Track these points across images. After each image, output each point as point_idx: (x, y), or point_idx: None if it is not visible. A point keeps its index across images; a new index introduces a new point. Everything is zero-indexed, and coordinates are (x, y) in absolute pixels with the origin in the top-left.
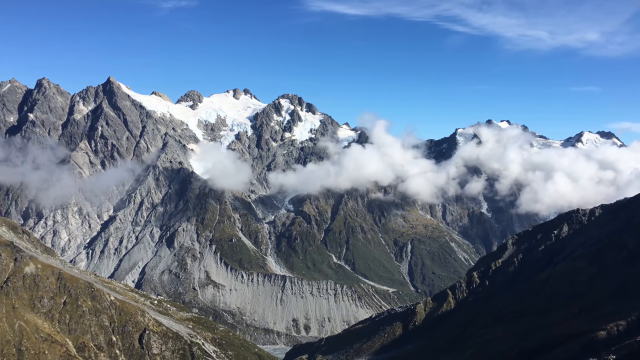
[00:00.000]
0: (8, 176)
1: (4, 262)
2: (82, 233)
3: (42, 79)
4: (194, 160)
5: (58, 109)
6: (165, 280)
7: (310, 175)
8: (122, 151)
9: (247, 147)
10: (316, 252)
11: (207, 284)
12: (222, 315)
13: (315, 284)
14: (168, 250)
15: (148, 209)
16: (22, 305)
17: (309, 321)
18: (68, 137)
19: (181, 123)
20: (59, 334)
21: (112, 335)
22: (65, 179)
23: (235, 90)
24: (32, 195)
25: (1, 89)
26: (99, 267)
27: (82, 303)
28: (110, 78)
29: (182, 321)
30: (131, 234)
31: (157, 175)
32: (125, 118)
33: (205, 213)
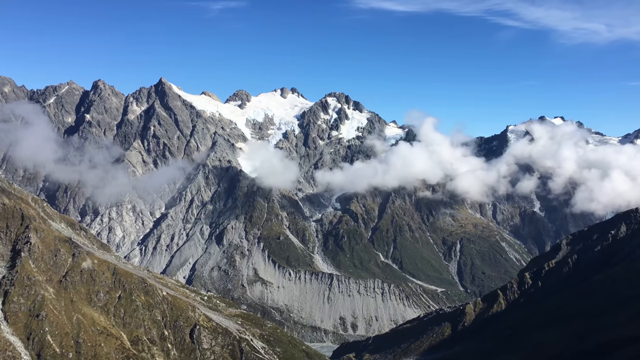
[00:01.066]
0: (66, 175)
1: (63, 258)
2: (135, 230)
3: (98, 81)
4: (243, 159)
5: (113, 110)
6: (215, 277)
7: (358, 174)
8: (173, 150)
9: (295, 146)
10: (363, 251)
11: (255, 281)
12: (270, 312)
13: (362, 282)
14: (217, 248)
15: (198, 207)
16: (79, 299)
17: (356, 320)
18: (122, 137)
19: (230, 122)
20: (114, 327)
21: (165, 329)
22: (120, 178)
23: (282, 89)
24: (88, 193)
25: (60, 90)
26: (152, 263)
27: (136, 298)
28: (162, 79)
29: (231, 317)
30: (182, 231)
31: (206, 174)
32: (176, 118)
33: (253, 211)
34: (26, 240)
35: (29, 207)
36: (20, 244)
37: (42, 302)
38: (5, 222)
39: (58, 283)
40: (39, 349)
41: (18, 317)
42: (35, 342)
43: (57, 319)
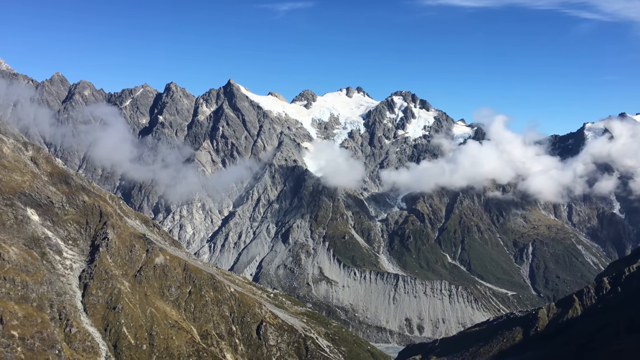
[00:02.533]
0: (141, 174)
1: (138, 253)
2: (205, 227)
3: (170, 84)
4: (308, 158)
5: (184, 111)
6: (281, 275)
7: (424, 173)
8: (240, 150)
9: (360, 145)
10: (430, 252)
11: (320, 279)
12: (335, 311)
13: (428, 283)
14: (283, 246)
15: (264, 206)
16: (152, 293)
17: (423, 321)
18: (193, 137)
19: (296, 122)
20: (184, 322)
21: (232, 325)
22: (190, 177)
23: (348, 88)
24: (161, 191)
25: (135, 93)
26: (220, 260)
27: (205, 293)
28: (231, 80)
29: (297, 315)
30: (249, 229)
31: (273, 173)
32: (244, 118)
33: (318, 210)
34: (104, 236)
35: (106, 204)
36: (99, 239)
37: (119, 295)
38: (85, 219)
39: (133, 277)
40: (115, 340)
41: (96, 309)
42: (112, 333)
43: (132, 311)
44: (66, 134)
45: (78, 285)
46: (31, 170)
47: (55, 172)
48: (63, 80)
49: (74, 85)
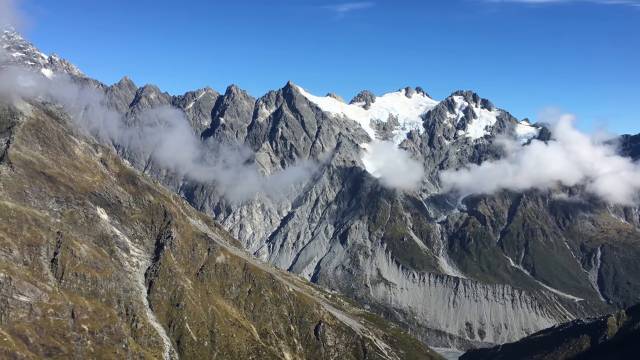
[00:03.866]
0: (203, 174)
1: (200, 252)
2: (264, 227)
3: (231, 86)
4: (366, 159)
5: (244, 113)
6: (339, 276)
7: (486, 174)
8: (299, 151)
9: (419, 146)
10: (491, 255)
11: (378, 281)
12: (393, 313)
13: (490, 287)
14: (341, 247)
15: (323, 207)
16: (214, 291)
17: (484, 326)
18: (252, 139)
19: (354, 123)
20: (244, 320)
21: (291, 324)
22: (250, 177)
23: (407, 88)
24: (222, 191)
25: (198, 96)
26: (279, 260)
27: (265, 293)
28: (290, 82)
29: (355, 316)
30: (307, 230)
31: (331, 174)
32: (302, 119)
33: (377, 211)
34: (168, 235)
35: (170, 204)
36: (163, 238)
37: (182, 292)
38: (150, 218)
39: (195, 275)
40: (178, 336)
41: (161, 305)
42: (175, 329)
43: (195, 309)
44: (133, 135)
45: (144, 282)
46: (101, 171)
47: (123, 173)
48: (130, 85)
49: (140, 89)
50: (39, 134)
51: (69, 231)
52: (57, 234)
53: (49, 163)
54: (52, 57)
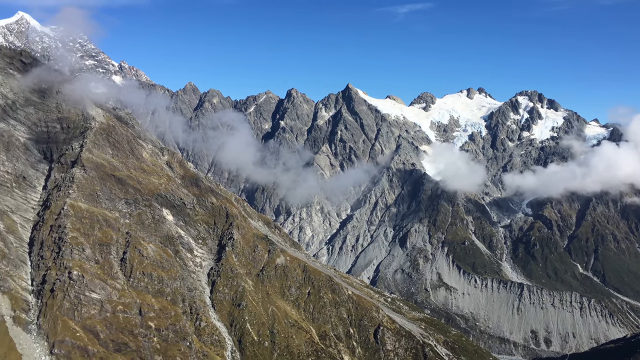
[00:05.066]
0: (264, 177)
1: (260, 253)
2: (323, 230)
3: (291, 90)
4: (427, 162)
5: (304, 116)
6: (398, 279)
7: (552, 177)
8: (358, 154)
9: (481, 148)
10: (558, 261)
11: (439, 285)
12: (454, 318)
13: (557, 294)
14: (401, 250)
15: (382, 209)
16: (274, 292)
17: (550, 334)
18: (312, 142)
19: (414, 125)
20: (304, 321)
21: (350, 327)
22: (310, 180)
23: (469, 89)
24: (282, 194)
25: (259, 100)
26: (338, 262)
27: (324, 295)
28: (349, 85)
29: (414, 321)
30: (366, 233)
31: (390, 177)
32: (361, 122)
33: (437, 215)
34: (230, 236)
35: (232, 206)
36: (225, 239)
37: (243, 293)
38: (213, 219)
39: (256, 276)
40: (240, 336)
41: (223, 305)
42: (237, 329)
43: (255, 309)
44: (197, 139)
45: (207, 282)
46: (166, 174)
47: (187, 175)
48: (194, 90)
49: (204, 94)
50: (109, 138)
51: (137, 231)
52: (126, 234)
53: (119, 166)
54: (122, 64)
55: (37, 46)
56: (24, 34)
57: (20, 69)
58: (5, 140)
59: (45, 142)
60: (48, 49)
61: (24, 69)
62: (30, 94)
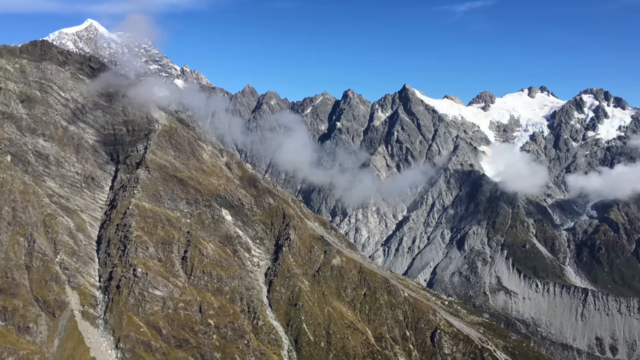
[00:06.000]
0: (320, 177)
1: (316, 254)
2: (379, 231)
3: (347, 91)
4: (485, 163)
5: (360, 117)
6: (456, 282)
7: (619, 178)
8: (415, 154)
9: (543, 148)
10: (625, 265)
11: (498, 289)
12: (514, 323)
13: (624, 300)
14: (458, 253)
15: (439, 211)
16: (330, 293)
17: (616, 342)
18: (368, 143)
19: (472, 125)
20: (359, 323)
21: (406, 330)
22: (366, 181)
23: (530, 88)
24: (338, 195)
25: (315, 101)
26: (394, 264)
27: (380, 296)
28: (406, 85)
29: (473, 325)
30: (423, 235)
31: (448, 178)
32: (418, 122)
33: (496, 217)
34: (287, 237)
35: (289, 207)
36: (282, 239)
37: (299, 293)
38: (270, 220)
39: (312, 277)
40: (296, 335)
41: (280, 304)
42: (293, 328)
43: (312, 309)
44: (255, 141)
45: (264, 282)
46: (225, 175)
47: (245, 176)
48: (253, 92)
49: (262, 96)
50: (172, 140)
51: (197, 231)
52: (187, 233)
53: (180, 167)
54: (184, 68)
55: (104, 52)
56: (92, 40)
57: (89, 74)
58: (75, 143)
59: (112, 144)
60: (115, 54)
61: (93, 74)
62: (98, 97)
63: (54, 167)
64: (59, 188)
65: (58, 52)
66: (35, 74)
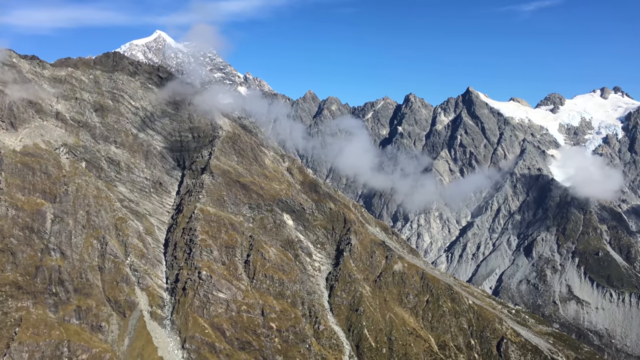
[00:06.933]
0: (381, 182)
1: (377, 259)
2: (442, 237)
3: (409, 95)
4: (554, 167)
5: (422, 121)
6: (523, 290)
7: None
8: (479, 158)
9: (617, 151)
10: None
11: (569, 299)
12: (586, 334)
13: None
14: (526, 260)
15: (505, 217)
16: (391, 299)
17: None
18: (430, 147)
19: (540, 128)
20: (422, 330)
21: (471, 338)
22: (428, 186)
23: (602, 89)
24: (400, 200)
25: (376, 106)
26: (458, 270)
27: (443, 303)
28: (469, 88)
29: (541, 335)
30: (488, 241)
31: (514, 182)
32: (483, 126)
33: (566, 223)
34: (347, 242)
35: (350, 211)
36: (343, 244)
37: (360, 298)
38: (331, 225)
39: (373, 282)
40: (357, 341)
41: (341, 309)
42: (354, 334)
43: (373, 315)
44: (316, 146)
45: (325, 286)
46: (287, 180)
47: (306, 181)
48: (314, 98)
49: (323, 102)
50: (235, 145)
51: (260, 235)
52: (249, 237)
53: (243, 172)
54: (247, 75)
55: (172, 61)
56: (161, 51)
57: (158, 83)
58: (144, 149)
59: (179, 150)
60: (181, 63)
61: (161, 83)
62: (166, 106)
63: (125, 172)
64: (129, 193)
65: (129, 62)
66: (108, 84)
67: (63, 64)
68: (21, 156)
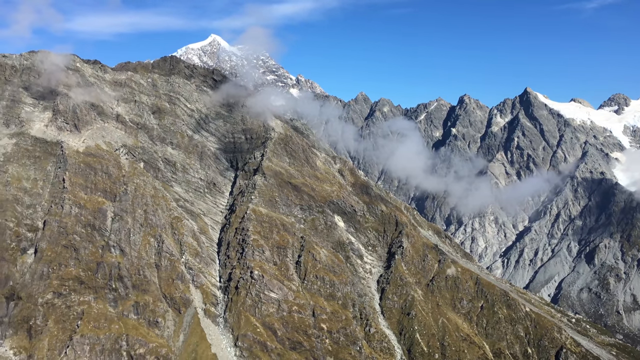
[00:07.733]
0: (434, 185)
1: (430, 263)
2: (497, 241)
3: (463, 96)
4: (619, 170)
5: (477, 123)
6: (584, 299)
7: None
8: (537, 161)
9: None
10: None
11: (634, 308)
12: None
13: None
14: (587, 267)
15: (565, 222)
16: (444, 303)
17: None
18: (485, 149)
19: (603, 130)
20: (476, 336)
21: (528, 346)
22: (483, 189)
23: None
24: (453, 203)
25: (429, 107)
26: (514, 276)
27: (498, 310)
28: (527, 89)
29: (604, 346)
30: (546, 246)
31: (575, 187)
32: (541, 128)
33: (632, 229)
34: (399, 244)
35: (402, 214)
36: (394, 247)
37: (412, 302)
38: (382, 227)
39: (425, 286)
40: (409, 345)
41: (392, 313)
42: (406, 337)
43: (425, 319)
44: (367, 147)
45: (376, 289)
46: (338, 181)
47: (357, 183)
48: (366, 99)
49: (374, 103)
50: (287, 147)
51: (311, 236)
52: (300, 238)
53: (295, 174)
54: (299, 77)
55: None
56: (215, 54)
57: (212, 86)
58: (199, 151)
59: (232, 151)
60: (235, 66)
61: (215, 85)
62: (219, 108)
63: (180, 173)
64: (185, 193)
65: (185, 66)
66: (165, 87)
67: (123, 68)
68: (84, 156)
